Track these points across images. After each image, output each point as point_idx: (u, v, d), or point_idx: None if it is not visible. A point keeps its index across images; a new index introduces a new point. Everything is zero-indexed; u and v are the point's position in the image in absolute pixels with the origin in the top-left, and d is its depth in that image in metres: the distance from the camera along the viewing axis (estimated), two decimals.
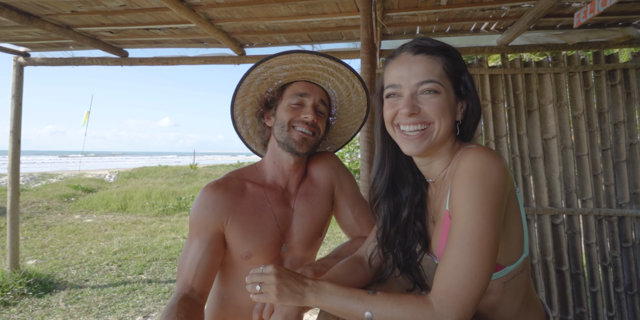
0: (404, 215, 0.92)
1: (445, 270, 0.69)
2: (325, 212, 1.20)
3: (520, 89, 2.62)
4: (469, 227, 0.69)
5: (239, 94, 1.17)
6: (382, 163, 0.94)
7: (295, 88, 1.14)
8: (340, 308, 0.74)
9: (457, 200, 0.72)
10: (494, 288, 0.82)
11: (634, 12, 2.57)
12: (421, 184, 0.95)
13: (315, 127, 1.12)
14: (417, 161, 0.90)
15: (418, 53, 0.81)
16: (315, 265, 1.02)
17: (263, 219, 1.09)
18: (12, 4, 2.56)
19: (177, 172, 14.83)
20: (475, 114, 0.85)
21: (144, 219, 7.76)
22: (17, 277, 3.65)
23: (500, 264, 0.79)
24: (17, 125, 3.74)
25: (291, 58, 1.10)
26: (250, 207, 1.09)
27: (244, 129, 1.28)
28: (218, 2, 2.49)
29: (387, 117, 0.85)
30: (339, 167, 1.26)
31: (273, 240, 1.10)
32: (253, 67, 1.11)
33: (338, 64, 1.13)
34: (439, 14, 2.69)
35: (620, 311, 2.45)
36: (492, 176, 0.70)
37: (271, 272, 0.78)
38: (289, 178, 1.18)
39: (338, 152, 11.52)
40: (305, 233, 1.14)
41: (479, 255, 0.67)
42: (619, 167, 2.49)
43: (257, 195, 1.12)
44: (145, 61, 3.53)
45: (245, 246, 1.06)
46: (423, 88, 0.79)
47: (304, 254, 1.17)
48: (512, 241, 0.79)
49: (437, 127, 0.80)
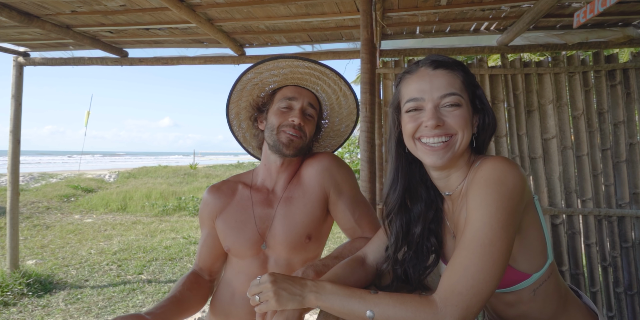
0: (416, 232, 0.92)
1: (453, 270, 0.69)
2: (312, 216, 1.17)
3: (520, 89, 2.62)
4: (482, 231, 0.69)
5: (232, 99, 1.24)
6: (396, 178, 0.93)
7: (285, 92, 1.19)
8: (341, 308, 0.74)
9: (472, 205, 0.73)
10: (524, 297, 0.82)
11: (634, 12, 2.57)
12: (436, 199, 0.95)
13: (302, 130, 1.15)
14: (434, 175, 0.90)
15: (437, 68, 0.82)
16: (317, 266, 1.02)
17: (243, 218, 1.18)
18: (12, 4, 2.56)
19: (177, 172, 14.82)
20: (491, 127, 0.86)
21: (144, 219, 7.76)
22: (17, 277, 3.65)
23: (527, 273, 0.80)
24: (17, 125, 3.74)
25: (278, 64, 1.15)
26: (235, 207, 1.20)
27: (240, 132, 1.33)
28: (218, 2, 2.49)
29: (408, 131, 0.85)
30: (335, 169, 1.20)
31: (249, 237, 1.16)
32: (243, 73, 1.17)
33: (323, 68, 1.16)
34: (439, 14, 2.69)
35: (620, 311, 2.45)
36: (508, 183, 0.71)
37: (266, 280, 0.78)
38: (277, 180, 1.22)
39: (338, 152, 11.54)
40: (287, 235, 1.14)
41: (489, 258, 0.67)
42: (618, 167, 2.49)
43: (244, 196, 1.22)
44: (145, 61, 3.53)
45: (226, 240, 1.19)
46: (446, 101, 0.80)
47: (290, 256, 1.16)
48: (535, 249, 0.80)
49: (460, 138, 0.81)
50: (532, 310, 0.84)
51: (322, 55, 3.29)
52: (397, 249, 0.92)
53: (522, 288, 0.80)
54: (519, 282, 0.80)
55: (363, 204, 1.24)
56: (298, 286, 0.78)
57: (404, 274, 0.93)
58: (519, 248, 0.79)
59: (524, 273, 0.79)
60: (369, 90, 2.32)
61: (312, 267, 1.01)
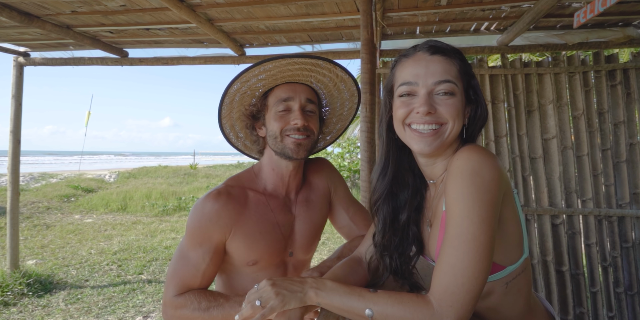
0: (402, 219, 0.92)
1: (442, 270, 0.69)
2: (323, 217, 1.24)
3: (520, 89, 2.62)
4: (463, 226, 0.69)
5: (223, 114, 1.14)
6: (386, 164, 0.92)
7: (278, 94, 1.09)
8: (341, 305, 0.74)
9: (450, 199, 0.72)
10: (496, 289, 0.81)
11: (634, 12, 2.57)
12: (421, 186, 0.94)
13: (307, 130, 1.09)
14: (421, 161, 0.89)
15: (435, 53, 0.81)
16: (322, 267, 1.03)
17: (267, 228, 1.09)
18: (12, 4, 2.56)
19: (177, 172, 14.82)
20: (482, 119, 0.85)
21: (144, 219, 7.76)
22: (17, 277, 3.65)
23: (501, 264, 0.79)
24: (17, 125, 3.74)
25: (264, 67, 1.05)
26: (253, 217, 1.08)
27: (240, 142, 1.26)
28: (218, 2, 2.49)
29: (399, 116, 0.83)
30: (333, 173, 1.30)
31: (278, 247, 1.11)
32: (229, 86, 1.07)
33: (314, 60, 1.08)
34: (439, 14, 2.69)
35: (620, 311, 2.45)
36: (484, 175, 0.70)
37: (265, 284, 0.79)
38: (289, 184, 1.18)
39: (338, 152, 11.53)
40: (306, 238, 1.17)
41: (474, 253, 0.67)
42: (619, 167, 2.49)
43: (259, 203, 1.11)
44: (145, 61, 3.53)
45: (250, 255, 1.07)
46: (440, 88, 0.78)
47: (305, 257, 1.21)
48: (511, 242, 0.79)
49: (450, 128, 0.79)
50: (502, 304, 0.84)
51: (322, 55, 3.28)
52: (384, 235, 0.92)
53: (495, 280, 0.80)
54: (492, 273, 0.79)
55: (355, 202, 1.31)
56: (298, 284, 0.78)
57: (392, 263, 0.93)
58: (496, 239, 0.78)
59: (499, 265, 0.79)
60: (369, 90, 2.32)
61: (317, 268, 1.03)
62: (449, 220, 0.72)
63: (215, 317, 0.95)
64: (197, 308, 0.96)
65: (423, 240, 0.93)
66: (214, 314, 0.95)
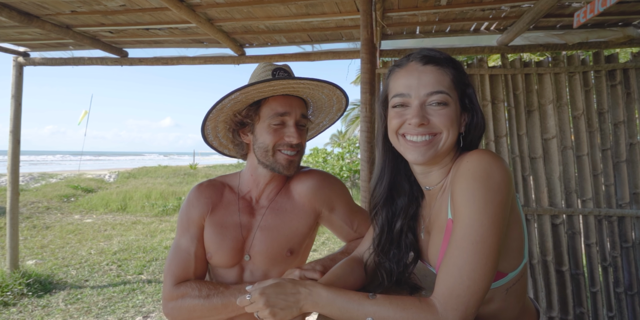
0: (397, 227, 0.92)
1: (447, 271, 0.68)
2: (297, 231, 1.14)
3: (520, 89, 2.62)
4: (472, 228, 0.67)
5: (210, 117, 1.10)
6: (382, 172, 0.93)
7: (274, 107, 1.07)
8: (340, 315, 0.73)
9: (459, 201, 0.71)
10: (496, 296, 0.81)
11: (634, 12, 2.57)
12: (417, 194, 0.95)
13: (299, 146, 1.10)
14: (417, 169, 0.89)
15: (427, 63, 0.80)
16: (325, 260, 1.04)
17: (229, 225, 1.12)
18: (12, 4, 2.56)
19: (177, 172, 14.81)
20: (480, 127, 0.84)
21: (144, 219, 7.76)
22: (17, 277, 3.65)
23: (503, 272, 0.78)
24: (17, 125, 3.74)
25: (270, 83, 1.01)
26: (222, 211, 1.14)
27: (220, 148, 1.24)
28: (218, 2, 2.49)
29: (392, 127, 0.83)
30: (328, 188, 1.18)
31: (233, 246, 1.10)
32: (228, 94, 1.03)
33: (322, 84, 1.07)
34: (439, 14, 2.68)
35: (620, 311, 2.45)
36: (495, 176, 0.69)
37: (256, 296, 0.77)
38: (264, 191, 1.17)
39: (338, 152, 11.52)
40: (268, 246, 1.11)
41: (482, 256, 0.66)
42: (619, 167, 2.49)
43: (231, 201, 1.16)
44: (145, 61, 3.53)
45: (210, 246, 1.11)
46: (432, 99, 0.78)
47: (269, 268, 1.12)
48: (514, 247, 0.79)
49: (444, 137, 0.79)
50: (501, 309, 0.84)
51: (322, 55, 3.29)
52: (381, 242, 0.92)
53: (497, 286, 0.79)
54: (495, 280, 0.78)
55: (359, 213, 1.23)
56: (291, 296, 0.76)
57: (390, 269, 0.93)
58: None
59: (501, 272, 0.78)
60: (369, 90, 2.32)
61: (320, 261, 1.02)
62: (457, 222, 0.71)
63: (216, 305, 0.98)
64: (198, 295, 1.00)
65: (420, 248, 0.93)
66: (215, 301, 0.99)
